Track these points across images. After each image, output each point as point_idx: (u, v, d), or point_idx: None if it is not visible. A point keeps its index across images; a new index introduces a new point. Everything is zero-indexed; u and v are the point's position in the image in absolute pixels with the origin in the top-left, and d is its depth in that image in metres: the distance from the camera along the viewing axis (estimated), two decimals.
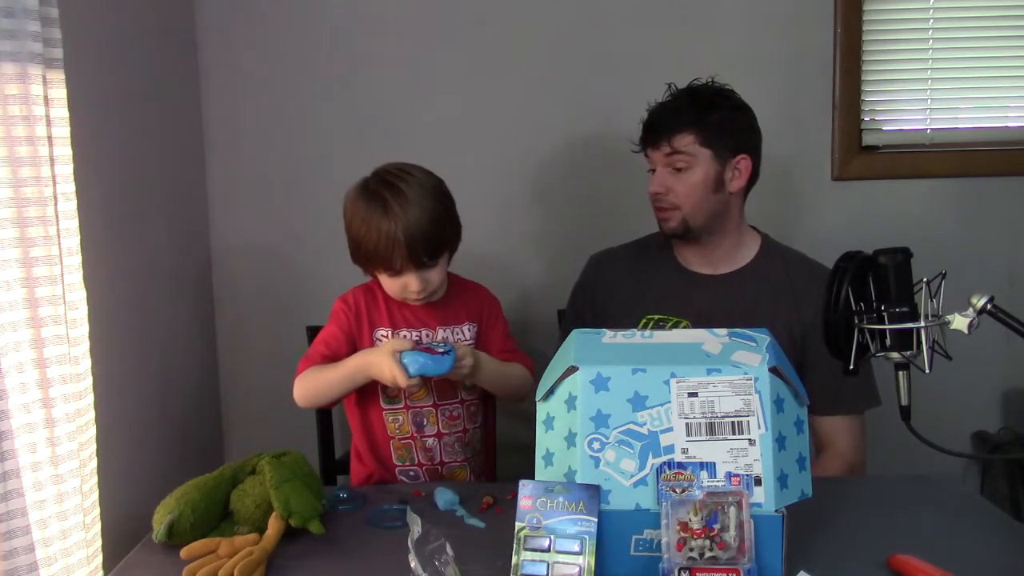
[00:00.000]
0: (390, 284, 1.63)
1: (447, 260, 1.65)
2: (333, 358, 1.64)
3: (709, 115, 1.72)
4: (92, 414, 1.36)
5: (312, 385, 1.62)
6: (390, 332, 1.67)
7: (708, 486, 1.11)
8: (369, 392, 1.67)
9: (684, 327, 1.73)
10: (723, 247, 1.79)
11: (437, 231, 1.57)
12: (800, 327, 1.72)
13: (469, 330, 1.71)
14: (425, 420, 1.68)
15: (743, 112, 1.76)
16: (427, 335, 1.68)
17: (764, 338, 1.21)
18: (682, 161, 1.72)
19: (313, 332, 2.06)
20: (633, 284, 1.83)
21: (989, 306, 1.20)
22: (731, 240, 1.79)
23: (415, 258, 1.57)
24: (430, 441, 1.69)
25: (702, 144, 1.71)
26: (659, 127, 1.74)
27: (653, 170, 1.77)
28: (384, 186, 1.58)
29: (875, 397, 1.73)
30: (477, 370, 1.60)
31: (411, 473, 1.70)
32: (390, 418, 1.68)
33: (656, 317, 1.77)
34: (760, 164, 1.78)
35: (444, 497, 1.47)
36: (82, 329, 1.32)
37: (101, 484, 1.38)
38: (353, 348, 1.66)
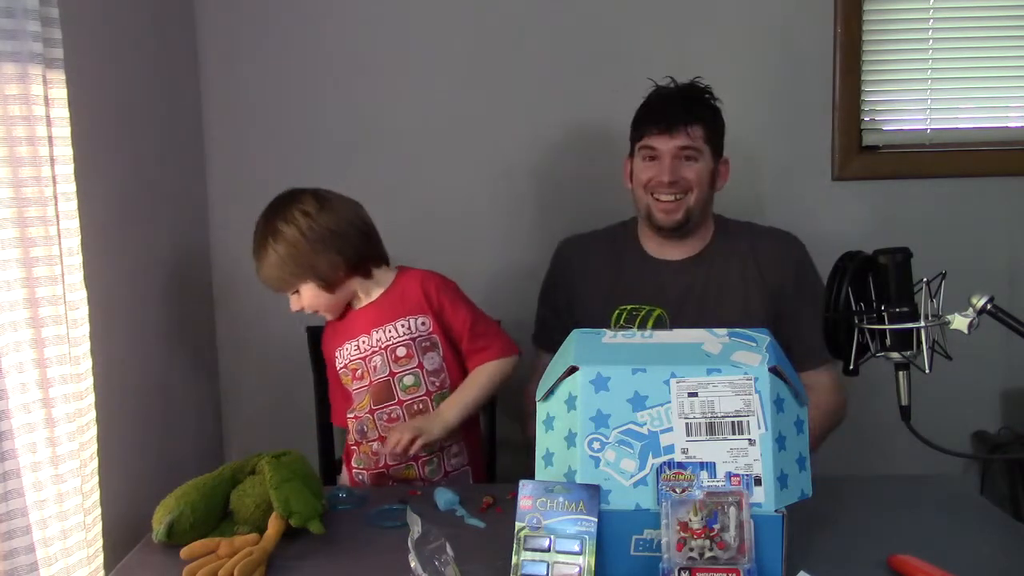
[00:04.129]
0: None
1: (316, 288, 1.66)
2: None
3: (713, 113, 1.75)
4: (93, 414, 1.36)
5: None
6: (340, 350, 1.73)
7: (708, 486, 1.11)
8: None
9: (658, 315, 1.75)
10: (691, 237, 1.81)
11: (276, 274, 1.65)
12: (767, 290, 1.76)
13: (403, 326, 1.68)
14: (365, 427, 1.71)
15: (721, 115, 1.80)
16: (363, 341, 1.69)
17: (764, 338, 1.21)
18: (694, 152, 1.72)
19: (313, 332, 2.07)
20: (603, 275, 1.84)
21: (989, 306, 1.20)
22: (701, 232, 1.82)
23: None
24: (375, 446, 1.70)
25: (706, 140, 1.73)
26: (676, 115, 1.72)
27: (642, 157, 1.76)
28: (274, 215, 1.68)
29: None
30: (434, 431, 1.61)
31: (359, 477, 1.73)
32: (350, 426, 1.75)
33: (629, 307, 1.77)
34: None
35: (444, 497, 1.47)
36: (82, 329, 1.32)
37: (101, 484, 1.38)
38: None
